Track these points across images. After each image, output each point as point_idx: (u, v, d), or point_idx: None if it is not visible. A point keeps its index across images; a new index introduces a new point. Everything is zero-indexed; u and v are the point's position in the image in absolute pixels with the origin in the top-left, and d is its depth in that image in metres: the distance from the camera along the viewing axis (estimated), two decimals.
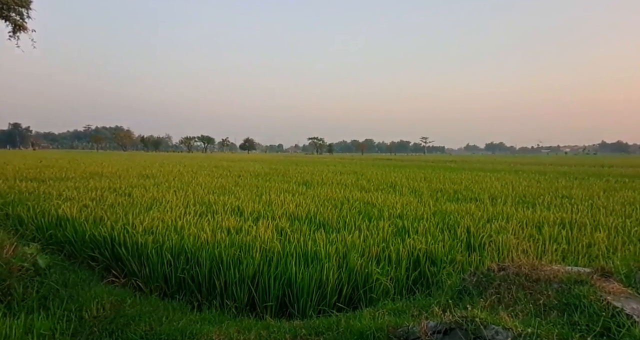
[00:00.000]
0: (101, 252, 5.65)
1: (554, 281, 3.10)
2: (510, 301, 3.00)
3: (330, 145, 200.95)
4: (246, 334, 3.41)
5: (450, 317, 2.71)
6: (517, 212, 8.07)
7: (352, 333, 3.13)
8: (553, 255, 5.14)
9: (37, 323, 3.51)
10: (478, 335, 2.51)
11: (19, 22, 12.81)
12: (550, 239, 5.83)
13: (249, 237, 5.57)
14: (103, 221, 6.49)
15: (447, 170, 26.17)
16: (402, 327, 2.93)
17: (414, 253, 5.11)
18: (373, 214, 7.64)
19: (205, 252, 5.02)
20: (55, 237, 6.33)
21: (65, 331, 3.55)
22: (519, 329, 2.44)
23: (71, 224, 6.48)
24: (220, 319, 4.01)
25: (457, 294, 3.46)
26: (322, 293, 4.44)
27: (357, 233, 5.92)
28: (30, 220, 7.07)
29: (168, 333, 3.53)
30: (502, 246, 5.41)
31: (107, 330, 3.65)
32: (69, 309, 3.96)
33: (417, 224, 6.63)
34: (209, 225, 6.24)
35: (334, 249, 5.08)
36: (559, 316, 2.69)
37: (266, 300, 4.51)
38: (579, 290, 2.84)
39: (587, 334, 2.44)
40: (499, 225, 6.60)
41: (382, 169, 25.45)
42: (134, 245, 5.43)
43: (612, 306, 2.62)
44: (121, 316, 3.91)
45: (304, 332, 3.33)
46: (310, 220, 7.02)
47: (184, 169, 21.90)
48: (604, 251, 5.32)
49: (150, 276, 5.09)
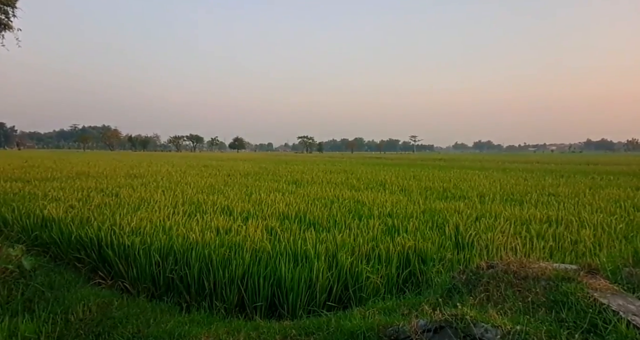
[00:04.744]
0: (88, 254, 5.56)
1: (542, 278, 3.13)
2: (499, 299, 3.02)
3: (320, 144, 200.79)
4: (235, 335, 3.37)
5: (440, 316, 2.72)
6: (505, 209, 8.15)
7: (343, 333, 3.11)
8: (540, 252, 5.19)
9: (21, 326, 3.44)
10: (468, 333, 2.52)
11: (4, 21, 12.59)
12: (538, 236, 5.90)
13: (239, 237, 5.53)
14: (89, 222, 6.38)
15: (436, 168, 26.35)
16: (393, 326, 2.93)
17: (404, 251, 5.12)
18: (363, 213, 7.65)
19: (194, 252, 4.97)
20: (40, 239, 6.22)
21: (51, 334, 3.48)
22: (508, 326, 2.46)
23: (57, 225, 6.37)
24: (209, 320, 3.98)
25: (447, 292, 3.47)
26: (312, 293, 4.42)
27: (347, 232, 5.92)
28: (15, 221, 6.95)
29: (156, 335, 3.48)
30: (490, 244, 5.45)
31: (93, 333, 3.59)
32: (54, 312, 3.89)
33: (406, 222, 6.65)
34: (198, 225, 6.18)
35: (324, 248, 5.06)
36: (546, 313, 2.71)
37: (256, 300, 4.48)
38: (566, 287, 2.87)
39: (574, 330, 2.47)
40: (487, 223, 6.66)
41: (371, 168, 25.52)
42: (121, 246, 5.35)
43: (598, 303, 2.65)
44: (108, 318, 3.85)
45: (294, 332, 3.31)
46: (300, 220, 6.99)
47: (173, 169, 21.70)
48: (590, 248, 5.40)
49: (137, 277, 5.02)
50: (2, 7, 12.44)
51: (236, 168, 23.54)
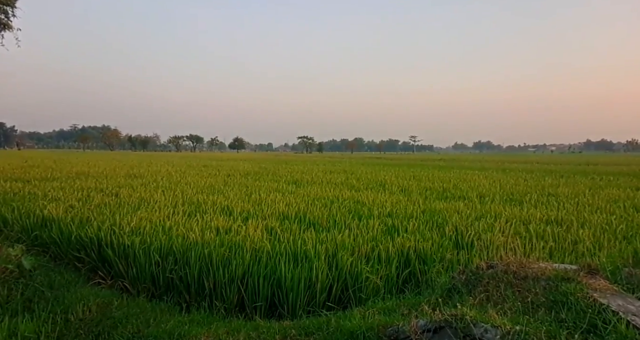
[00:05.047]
0: (87, 254, 5.56)
1: (542, 278, 3.13)
2: (499, 299, 3.03)
3: (320, 144, 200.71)
4: (235, 335, 3.37)
5: (439, 316, 2.72)
6: (504, 210, 8.15)
7: (343, 333, 3.11)
8: (540, 252, 5.19)
9: (21, 326, 3.44)
10: (467, 333, 2.52)
11: (4, 21, 12.61)
12: (538, 237, 5.90)
13: (239, 237, 5.52)
14: (89, 222, 6.38)
15: (436, 168, 26.35)
16: (392, 326, 2.93)
17: (404, 252, 5.12)
18: (363, 213, 7.65)
19: (194, 252, 4.96)
20: (40, 238, 6.22)
21: (51, 334, 3.47)
22: (508, 326, 2.46)
23: (57, 224, 6.36)
24: (209, 320, 3.97)
25: (447, 292, 3.47)
26: (312, 293, 4.42)
27: (347, 232, 5.92)
28: (15, 221, 6.94)
29: (156, 335, 3.48)
30: (490, 244, 5.45)
31: (93, 333, 3.59)
32: (54, 312, 3.88)
33: (406, 222, 6.64)
34: (198, 225, 6.18)
35: (324, 248, 5.06)
36: (546, 313, 2.71)
37: (255, 300, 4.48)
38: (566, 288, 2.87)
39: (574, 330, 2.47)
40: (487, 223, 6.66)
41: (371, 168, 25.52)
42: (121, 246, 5.35)
43: (598, 303, 2.65)
44: (108, 318, 3.84)
45: (294, 332, 3.31)
46: (300, 220, 6.99)
47: (173, 169, 21.69)
48: (590, 248, 5.40)
49: (137, 277, 5.02)
50: (2, 7, 12.45)
51: (236, 168, 23.54)
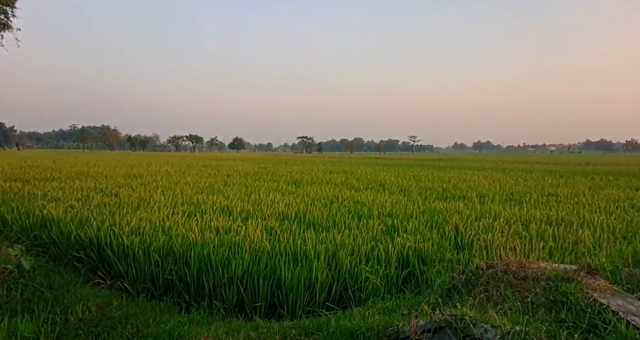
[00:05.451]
0: (87, 254, 5.55)
1: (542, 278, 3.13)
2: (499, 299, 3.02)
3: (320, 144, 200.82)
4: (235, 335, 3.37)
5: (439, 316, 2.72)
6: (504, 210, 8.15)
7: (342, 333, 3.11)
8: (540, 252, 5.19)
9: (21, 326, 3.43)
10: (467, 333, 2.52)
11: (4, 21, 12.61)
12: (537, 237, 5.90)
13: (238, 237, 5.52)
14: (89, 222, 6.38)
15: (436, 168, 26.35)
16: (392, 327, 2.93)
17: (404, 252, 5.12)
18: (363, 213, 7.65)
19: (193, 252, 4.96)
20: (40, 239, 6.21)
21: (50, 334, 3.47)
22: (508, 326, 2.46)
23: (56, 224, 6.36)
24: (208, 320, 3.97)
25: (447, 292, 3.47)
26: (312, 293, 4.42)
27: (346, 232, 5.92)
28: (15, 221, 6.94)
29: (155, 335, 3.48)
30: (490, 244, 5.45)
31: (93, 333, 3.58)
32: (54, 312, 3.88)
33: (406, 222, 6.64)
34: (198, 225, 6.18)
35: (324, 248, 5.06)
36: (546, 313, 2.71)
37: (255, 300, 4.47)
38: (566, 288, 2.87)
39: (574, 331, 2.46)
40: (487, 223, 6.66)
41: (371, 168, 25.51)
42: (121, 246, 5.34)
43: (598, 303, 2.65)
44: (107, 318, 3.84)
45: (294, 332, 3.31)
46: (299, 220, 6.99)
47: (172, 169, 21.68)
48: (590, 248, 5.41)
49: (137, 278, 5.01)
50: (2, 7, 12.45)
51: (235, 168, 23.53)
